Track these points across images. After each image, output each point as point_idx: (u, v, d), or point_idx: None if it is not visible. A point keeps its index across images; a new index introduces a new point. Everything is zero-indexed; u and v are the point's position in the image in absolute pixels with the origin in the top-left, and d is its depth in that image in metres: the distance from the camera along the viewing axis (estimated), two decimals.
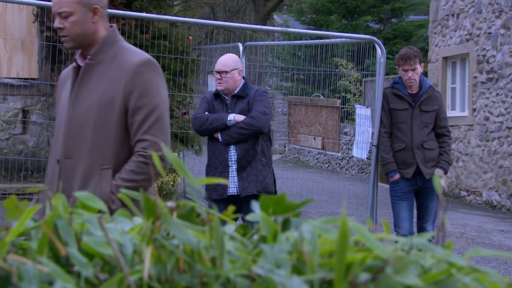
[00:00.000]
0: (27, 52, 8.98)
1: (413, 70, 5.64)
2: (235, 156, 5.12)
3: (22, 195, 7.83)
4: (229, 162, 5.13)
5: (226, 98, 5.22)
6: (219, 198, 5.14)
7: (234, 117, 5.08)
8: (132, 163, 2.71)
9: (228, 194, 5.12)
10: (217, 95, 5.26)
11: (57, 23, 2.77)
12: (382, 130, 5.84)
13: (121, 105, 2.72)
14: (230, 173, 5.14)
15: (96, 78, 2.76)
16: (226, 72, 5.13)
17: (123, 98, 2.71)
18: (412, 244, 0.95)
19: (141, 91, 2.73)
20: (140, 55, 2.83)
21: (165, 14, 8.61)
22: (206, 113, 5.21)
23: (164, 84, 2.85)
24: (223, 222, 1.05)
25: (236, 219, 1.14)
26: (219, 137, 5.15)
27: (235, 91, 5.17)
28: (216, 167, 5.19)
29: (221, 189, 5.15)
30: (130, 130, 2.74)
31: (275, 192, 5.29)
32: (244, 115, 5.09)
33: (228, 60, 5.22)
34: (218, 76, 5.16)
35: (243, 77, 5.25)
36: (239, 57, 8.14)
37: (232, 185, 5.15)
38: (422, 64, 5.75)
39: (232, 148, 5.13)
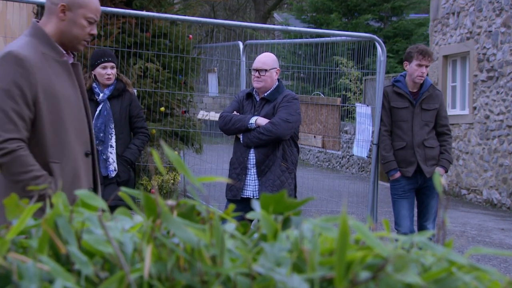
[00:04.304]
0: None
1: (427, 67, 5.66)
2: (254, 160, 5.10)
3: None
4: (248, 165, 5.10)
5: (256, 99, 5.20)
6: (232, 198, 5.13)
7: (255, 121, 5.04)
8: None
9: (244, 196, 5.09)
10: (249, 95, 5.23)
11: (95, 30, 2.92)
12: (383, 128, 5.84)
13: None
14: (248, 175, 5.11)
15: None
16: (266, 70, 5.10)
17: None
18: (412, 243, 0.95)
19: None
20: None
21: (165, 13, 8.61)
22: (234, 112, 5.18)
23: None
24: (224, 221, 1.05)
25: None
26: (241, 139, 5.13)
27: (265, 94, 5.13)
28: (235, 167, 5.17)
29: (235, 190, 5.12)
30: None
31: (295, 198, 5.22)
32: (268, 119, 5.04)
33: (268, 59, 5.18)
34: (256, 74, 5.11)
35: (278, 79, 5.21)
36: (239, 55, 8.14)
37: (251, 188, 5.12)
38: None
39: (251, 152, 5.10)
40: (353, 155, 14.09)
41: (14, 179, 2.70)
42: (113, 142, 5.38)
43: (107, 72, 5.37)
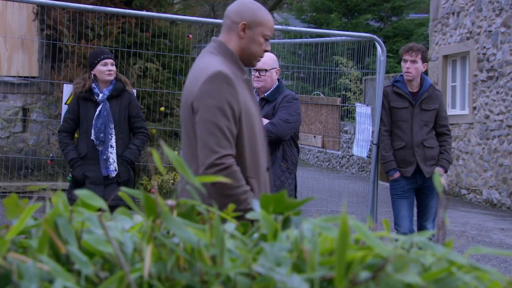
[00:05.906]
0: (27, 50, 8.98)
1: (412, 62, 5.64)
2: None
3: (22, 193, 7.83)
4: None
5: (256, 99, 5.18)
6: None
7: None
8: None
9: None
10: None
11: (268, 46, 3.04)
12: (383, 128, 5.84)
13: None
14: None
15: None
16: (266, 70, 5.11)
17: None
18: (412, 243, 0.95)
19: None
20: None
21: (165, 13, 8.61)
22: None
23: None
24: (224, 221, 1.05)
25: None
26: None
27: (265, 94, 5.14)
28: None
29: None
30: None
31: (295, 198, 5.22)
32: (268, 119, 5.03)
33: (268, 59, 5.16)
34: (256, 74, 5.13)
35: (278, 79, 5.21)
36: None
37: None
38: (425, 64, 5.74)
39: None
40: (353, 155, 14.09)
41: (227, 193, 2.80)
42: (113, 142, 5.38)
43: (108, 68, 5.39)
